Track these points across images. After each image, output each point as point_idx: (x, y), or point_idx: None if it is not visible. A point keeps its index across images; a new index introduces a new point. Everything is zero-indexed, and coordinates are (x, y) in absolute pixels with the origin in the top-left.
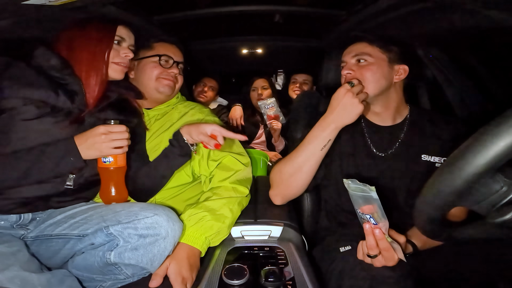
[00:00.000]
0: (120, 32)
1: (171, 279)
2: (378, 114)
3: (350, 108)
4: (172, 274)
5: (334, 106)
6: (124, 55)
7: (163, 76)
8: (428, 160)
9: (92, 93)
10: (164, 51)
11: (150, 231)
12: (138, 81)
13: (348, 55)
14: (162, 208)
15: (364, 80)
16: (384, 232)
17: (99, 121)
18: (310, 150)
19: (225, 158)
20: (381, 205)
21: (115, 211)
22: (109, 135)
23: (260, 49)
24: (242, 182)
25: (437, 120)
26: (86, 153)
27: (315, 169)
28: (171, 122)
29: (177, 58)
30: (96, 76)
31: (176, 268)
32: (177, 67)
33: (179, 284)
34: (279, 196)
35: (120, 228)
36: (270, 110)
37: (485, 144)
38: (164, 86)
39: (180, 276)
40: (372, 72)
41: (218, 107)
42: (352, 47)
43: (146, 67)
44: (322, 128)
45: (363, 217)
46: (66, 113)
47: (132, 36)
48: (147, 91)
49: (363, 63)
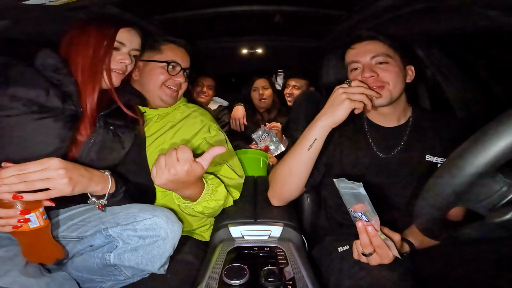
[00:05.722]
0: (121, 36)
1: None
2: (385, 115)
3: (337, 106)
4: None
5: (326, 105)
6: (120, 61)
7: (168, 84)
8: (431, 160)
9: (89, 98)
10: (173, 57)
11: (149, 232)
12: (141, 84)
13: (364, 56)
14: (161, 209)
15: (390, 83)
16: (377, 229)
17: (107, 125)
18: (297, 151)
19: (223, 167)
20: (370, 201)
21: (113, 213)
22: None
23: (260, 49)
24: (235, 187)
25: (439, 120)
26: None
27: (306, 171)
28: (173, 123)
29: (185, 65)
30: (91, 82)
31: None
32: (183, 75)
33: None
34: (275, 198)
35: (119, 230)
36: (265, 141)
37: (485, 144)
38: (167, 96)
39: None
40: (396, 74)
41: (218, 107)
42: (365, 46)
43: (152, 72)
44: (309, 128)
45: (355, 216)
46: (57, 113)
47: (135, 40)
48: (150, 96)
49: (384, 65)
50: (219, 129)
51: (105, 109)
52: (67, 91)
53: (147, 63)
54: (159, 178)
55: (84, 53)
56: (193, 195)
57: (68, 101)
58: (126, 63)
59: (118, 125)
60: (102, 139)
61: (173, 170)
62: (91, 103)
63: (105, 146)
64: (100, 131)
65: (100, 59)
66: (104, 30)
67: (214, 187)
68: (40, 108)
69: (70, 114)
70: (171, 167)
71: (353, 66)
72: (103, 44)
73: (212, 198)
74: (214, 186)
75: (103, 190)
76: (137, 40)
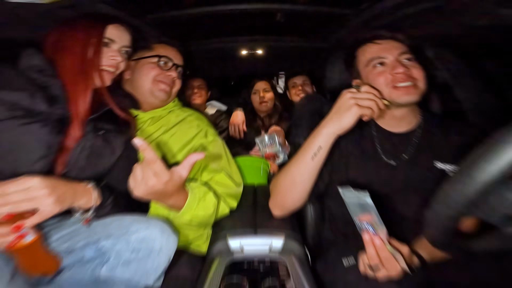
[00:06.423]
0: (110, 33)
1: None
2: (397, 119)
3: (344, 112)
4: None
5: (331, 110)
6: (111, 58)
7: (160, 78)
8: (441, 167)
9: (80, 100)
10: (164, 53)
11: (143, 244)
12: (133, 82)
13: (393, 51)
14: (155, 220)
15: (420, 80)
16: (384, 241)
17: (97, 129)
18: (301, 159)
19: (219, 175)
20: (377, 211)
21: (105, 224)
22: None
23: (260, 50)
24: (232, 195)
25: (450, 125)
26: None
27: (310, 181)
28: (167, 127)
29: (177, 61)
30: (83, 83)
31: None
32: (175, 70)
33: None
34: (277, 208)
35: (111, 242)
36: (268, 148)
37: (499, 150)
38: (159, 90)
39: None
40: (423, 73)
41: (216, 112)
42: (389, 43)
43: (143, 67)
44: (313, 134)
45: (361, 227)
46: (43, 118)
47: (125, 36)
48: (142, 93)
49: (412, 62)
50: (216, 134)
51: (94, 112)
52: (53, 94)
53: (138, 61)
54: (137, 190)
55: (72, 52)
56: (177, 204)
57: (55, 104)
58: (118, 60)
59: (108, 129)
60: (92, 144)
61: (150, 182)
62: (83, 105)
63: (95, 152)
64: (89, 136)
65: (90, 57)
66: (91, 27)
67: (201, 195)
68: (25, 112)
69: (58, 119)
70: (148, 179)
71: (377, 61)
72: (92, 42)
73: (199, 207)
74: (201, 194)
75: (88, 203)
76: (127, 37)
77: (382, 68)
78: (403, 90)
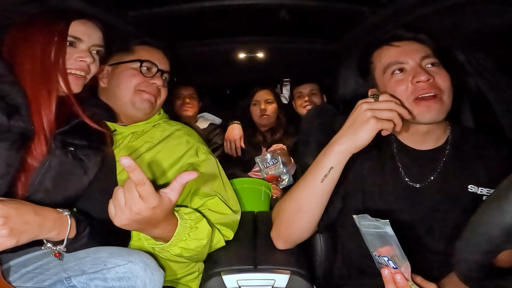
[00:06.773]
0: (75, 30)
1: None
2: (422, 135)
3: (360, 127)
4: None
5: (345, 124)
6: (79, 60)
7: (143, 87)
8: (475, 192)
9: (44, 109)
10: (147, 56)
11: (123, 282)
12: (110, 92)
13: (414, 55)
14: (137, 254)
15: (446, 91)
16: (407, 278)
17: (65, 145)
18: (309, 182)
19: (212, 200)
20: (399, 243)
21: (78, 258)
22: None
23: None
24: (228, 224)
25: (484, 141)
26: None
27: (320, 207)
28: (151, 143)
29: (162, 66)
30: (45, 89)
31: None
32: (161, 77)
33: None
34: (280, 240)
35: (85, 280)
36: (270, 169)
37: None
38: (142, 101)
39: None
40: (449, 80)
41: (209, 126)
42: (410, 45)
43: (123, 74)
44: (323, 153)
45: (381, 261)
46: (1, 132)
47: (95, 34)
48: (122, 105)
49: (437, 69)
50: (209, 152)
51: (62, 125)
52: (13, 104)
53: (117, 66)
54: (119, 218)
55: (31, 54)
56: (165, 234)
57: (15, 116)
58: (87, 62)
59: (79, 145)
60: (59, 163)
61: (135, 208)
62: (48, 116)
63: (63, 172)
64: (57, 153)
65: (52, 60)
66: (53, 24)
67: (192, 223)
68: None
69: (19, 132)
70: (132, 205)
71: (396, 67)
72: (53, 41)
73: (191, 237)
74: (193, 222)
75: (60, 235)
76: (97, 34)
77: (402, 76)
78: (425, 105)
